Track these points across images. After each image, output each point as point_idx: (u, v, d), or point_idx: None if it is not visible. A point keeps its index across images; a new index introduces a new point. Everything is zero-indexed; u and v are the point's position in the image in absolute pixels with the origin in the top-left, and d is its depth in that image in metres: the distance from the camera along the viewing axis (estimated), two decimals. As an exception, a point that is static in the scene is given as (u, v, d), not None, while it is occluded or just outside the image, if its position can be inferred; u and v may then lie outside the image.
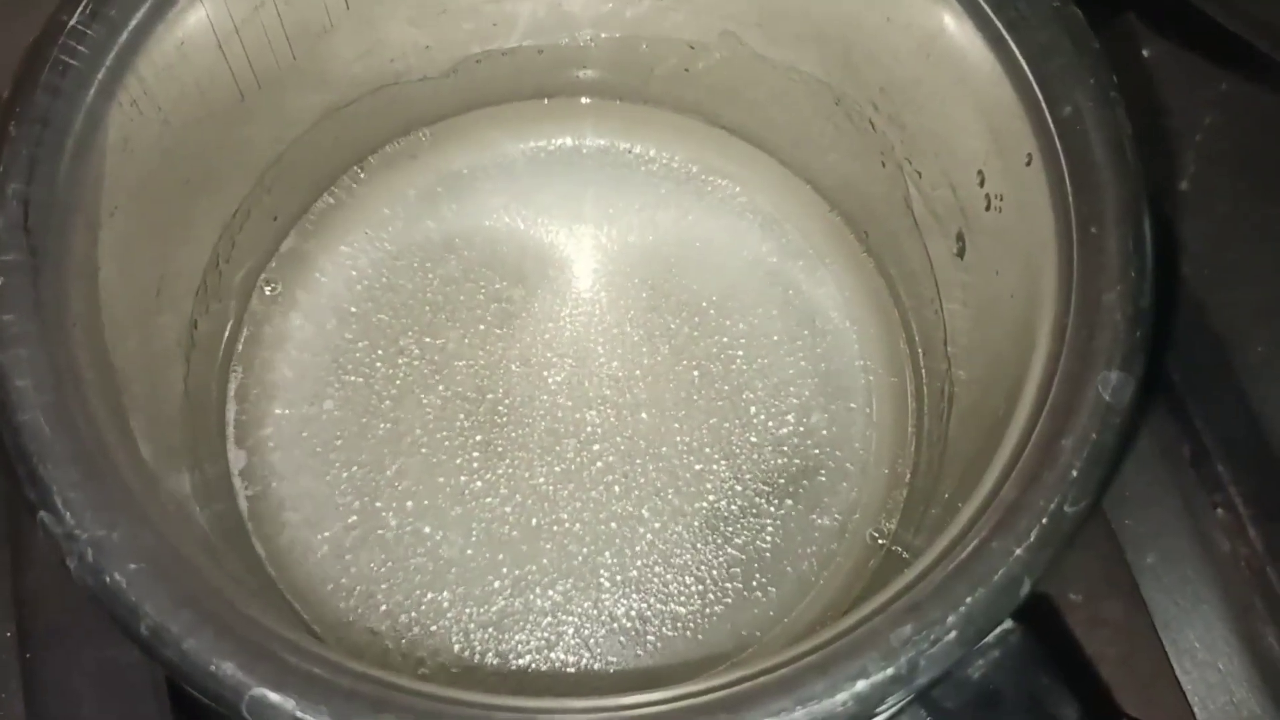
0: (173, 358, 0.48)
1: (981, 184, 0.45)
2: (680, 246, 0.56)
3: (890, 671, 0.33)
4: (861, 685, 0.33)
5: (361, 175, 0.57)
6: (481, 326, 0.54)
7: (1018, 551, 0.34)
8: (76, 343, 0.38)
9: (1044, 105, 0.41)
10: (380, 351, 0.53)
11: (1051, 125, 0.41)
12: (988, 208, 0.45)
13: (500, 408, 0.52)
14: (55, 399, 0.36)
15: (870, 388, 0.54)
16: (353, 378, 0.53)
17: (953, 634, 0.33)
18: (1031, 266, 0.41)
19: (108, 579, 0.34)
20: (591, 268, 0.56)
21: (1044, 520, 0.35)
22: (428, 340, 0.54)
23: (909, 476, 0.52)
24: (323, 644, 0.34)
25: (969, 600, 0.34)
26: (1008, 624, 0.35)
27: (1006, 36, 0.42)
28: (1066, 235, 0.39)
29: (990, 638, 0.35)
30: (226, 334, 0.53)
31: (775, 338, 0.54)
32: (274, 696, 0.32)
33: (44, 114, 0.39)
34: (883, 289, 0.55)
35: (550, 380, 0.53)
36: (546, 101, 0.58)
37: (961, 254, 0.48)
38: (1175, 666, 0.49)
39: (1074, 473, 0.35)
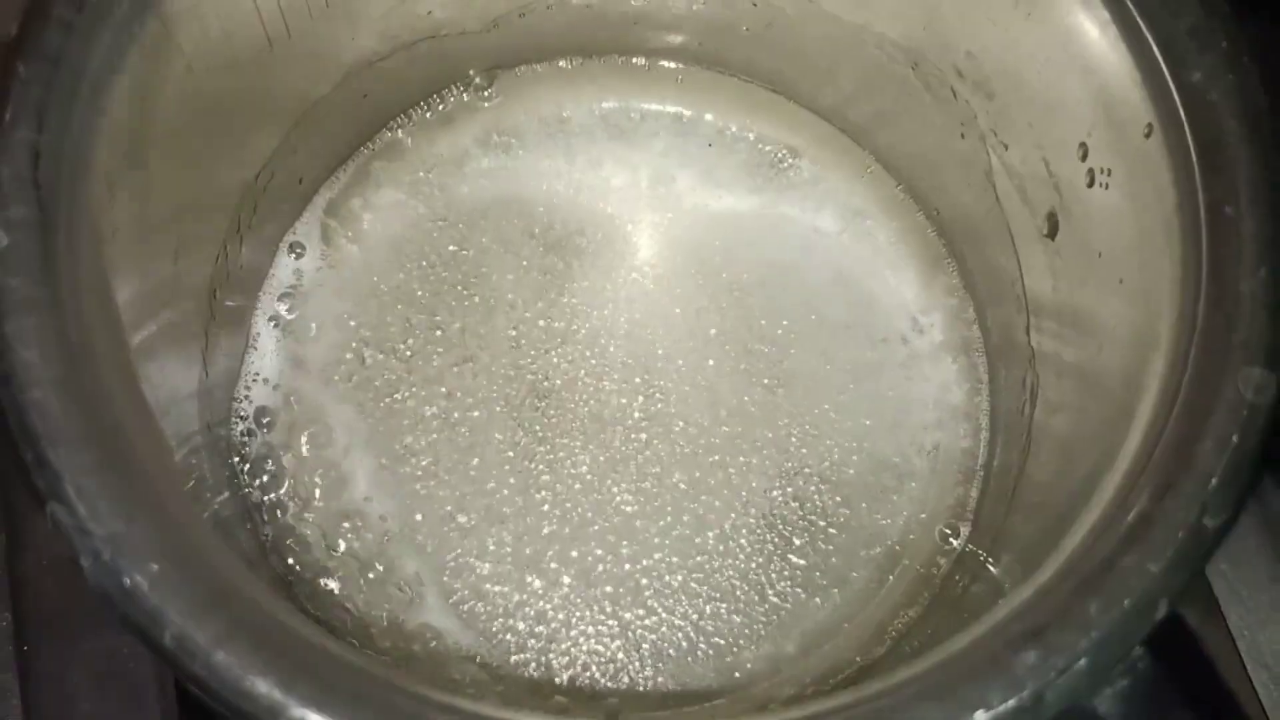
0: (190, 329, 0.44)
1: (1084, 158, 0.41)
2: (737, 222, 0.52)
3: (1013, 703, 0.29)
4: (981, 717, 0.29)
5: (394, 136, 0.53)
6: (522, 301, 0.50)
7: (1154, 570, 0.31)
8: (89, 311, 0.34)
9: (1166, 71, 0.37)
10: (411, 323, 0.50)
11: (1175, 94, 0.37)
12: (1091, 183, 0.41)
13: (541, 389, 0.49)
14: (66, 373, 0.32)
15: (941, 378, 0.50)
16: (381, 354, 0.49)
17: (1083, 662, 0.30)
18: (1147, 249, 0.37)
19: (126, 580, 0.30)
20: (643, 242, 0.52)
21: (1182, 535, 0.31)
22: (462, 314, 0.50)
23: (983, 475, 0.48)
24: (367, 655, 0.30)
25: (1101, 624, 0.30)
26: (1136, 649, 0.31)
27: (1126, -1, 0.38)
28: (1193, 215, 0.36)
29: (1116, 663, 0.31)
30: (247, 304, 0.49)
31: (837, 322, 0.51)
32: (316, 718, 0.28)
33: (56, 52, 0.35)
34: (954, 270, 0.51)
35: (595, 361, 0.49)
36: (596, 61, 0.54)
37: (1052, 234, 0.44)
38: (1251, 677, 0.46)
39: (1214, 481, 0.31)
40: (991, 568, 0.45)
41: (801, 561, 0.47)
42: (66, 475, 0.30)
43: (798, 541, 0.47)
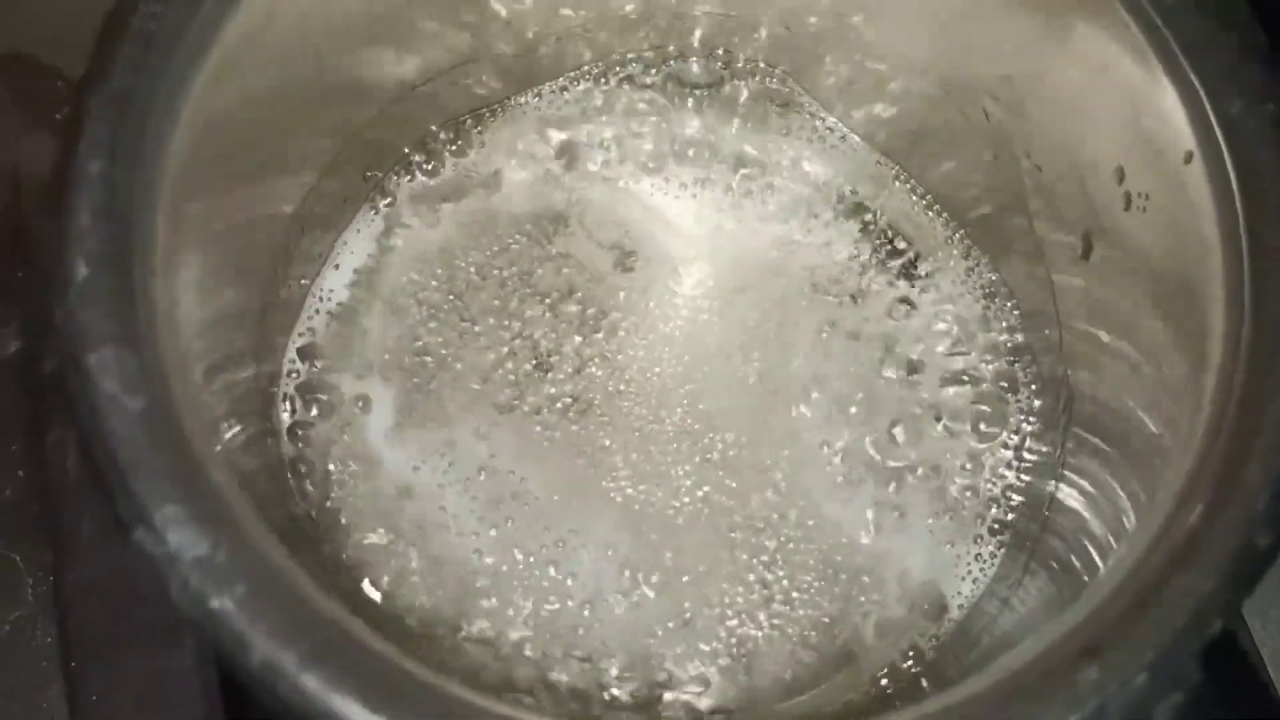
0: (243, 355, 0.45)
1: (1120, 181, 0.42)
2: (775, 246, 0.53)
3: (1076, 718, 0.30)
4: (1044, 733, 0.30)
5: (436, 154, 0.53)
6: (562, 315, 0.51)
7: (1206, 588, 0.32)
8: (162, 342, 0.34)
9: (1205, 100, 0.38)
10: (449, 337, 0.50)
11: (1214, 121, 0.38)
12: (1127, 206, 0.42)
13: (583, 401, 0.49)
14: (147, 404, 0.32)
15: (973, 394, 0.51)
16: (421, 367, 0.50)
17: (1142, 677, 0.31)
18: (1187, 272, 0.39)
19: (214, 604, 0.30)
20: (687, 261, 0.52)
21: (1232, 554, 0.32)
22: (501, 328, 0.50)
23: (1016, 486, 0.49)
24: (448, 675, 0.31)
25: (1158, 641, 0.31)
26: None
27: (1162, 27, 0.39)
28: (1234, 239, 0.37)
29: (1170, 679, 0.32)
30: (292, 325, 0.49)
31: (874, 349, 0.51)
32: (405, 741, 0.29)
33: (125, 86, 0.36)
34: (988, 288, 0.52)
35: (636, 378, 0.50)
36: (633, 82, 0.55)
37: (1087, 255, 0.45)
38: (1276, 684, 0.47)
39: (1262, 502, 0.32)
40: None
41: (844, 576, 0.48)
42: (151, 503, 0.31)
43: (840, 558, 0.48)
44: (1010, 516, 0.49)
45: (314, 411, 0.48)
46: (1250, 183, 0.37)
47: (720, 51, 0.54)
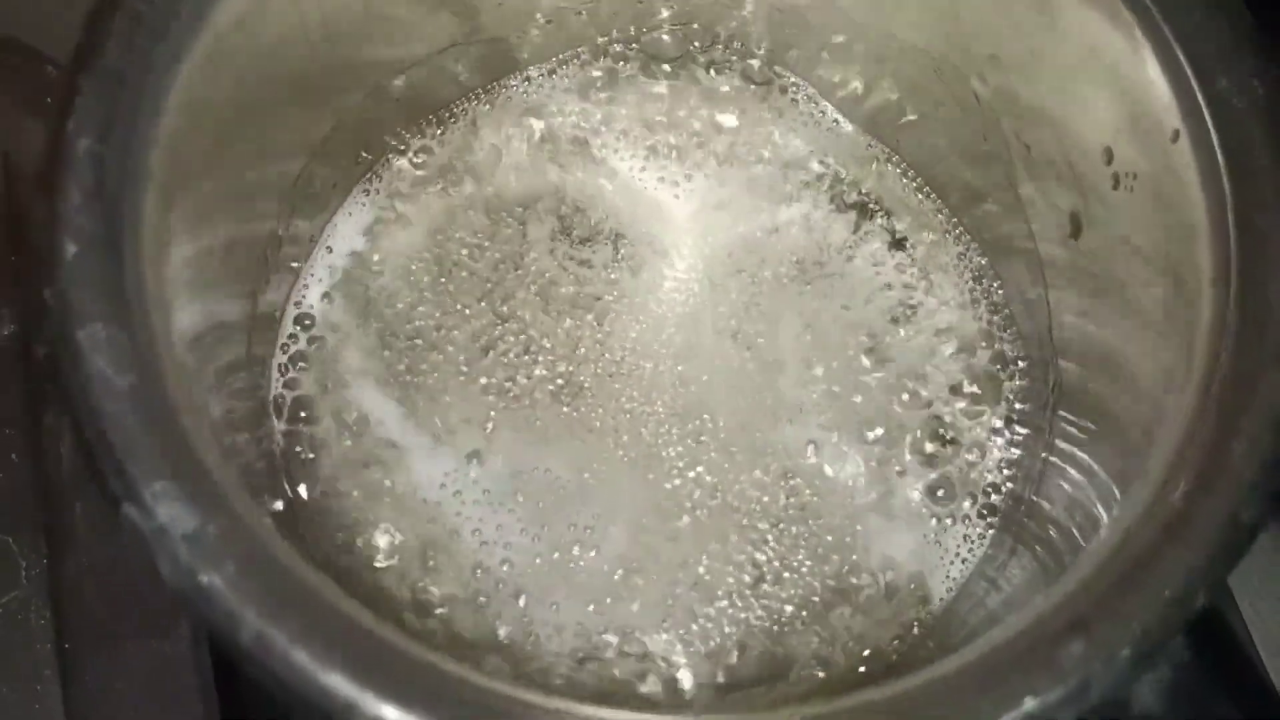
0: (234, 336, 0.45)
1: (1109, 162, 0.42)
2: (769, 229, 0.53)
3: (1060, 692, 0.30)
4: (1030, 705, 0.30)
5: (428, 135, 0.53)
6: (554, 298, 0.51)
7: (1193, 563, 0.32)
8: (153, 321, 0.34)
9: (1194, 80, 0.38)
10: (442, 318, 0.50)
11: (1202, 100, 0.38)
12: (1115, 186, 0.42)
13: (574, 383, 0.50)
14: (137, 381, 0.33)
15: (962, 377, 0.51)
16: (413, 350, 0.50)
17: (1126, 651, 0.31)
18: (1174, 251, 0.39)
19: (204, 580, 0.30)
20: (680, 244, 0.52)
21: (1218, 530, 0.32)
22: (492, 311, 0.50)
23: (1004, 467, 0.50)
24: (439, 651, 0.31)
25: (1143, 615, 0.31)
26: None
27: (1150, 6, 0.39)
28: (1220, 219, 0.37)
29: (1155, 654, 0.32)
30: (284, 308, 0.49)
31: (864, 331, 0.51)
32: (394, 714, 0.29)
33: (116, 66, 0.36)
34: (977, 270, 0.52)
35: (627, 361, 0.50)
36: (631, 64, 0.55)
37: (1076, 235, 0.45)
38: (1266, 664, 0.47)
39: (1247, 479, 0.33)
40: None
41: (834, 557, 0.48)
42: (141, 480, 0.31)
43: (831, 538, 0.48)
44: (998, 498, 0.49)
45: (304, 392, 0.49)
46: (1237, 161, 0.37)
47: (709, 33, 0.54)
